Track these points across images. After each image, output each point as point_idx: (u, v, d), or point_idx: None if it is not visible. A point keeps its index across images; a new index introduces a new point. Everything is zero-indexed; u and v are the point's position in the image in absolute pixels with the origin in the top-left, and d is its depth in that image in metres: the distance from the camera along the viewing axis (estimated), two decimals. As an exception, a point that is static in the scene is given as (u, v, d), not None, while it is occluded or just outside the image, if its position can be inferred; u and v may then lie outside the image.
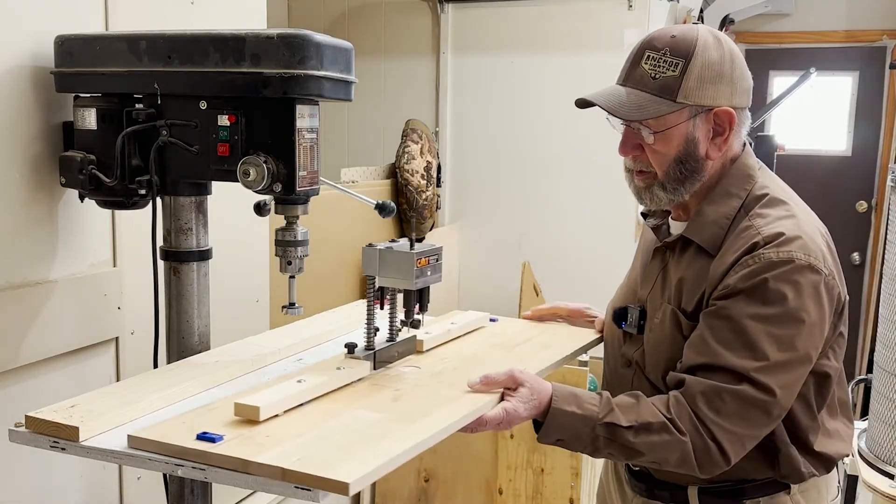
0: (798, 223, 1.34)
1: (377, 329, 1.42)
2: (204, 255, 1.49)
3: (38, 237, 1.48)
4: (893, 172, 2.36)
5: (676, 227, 1.48)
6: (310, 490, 1.00)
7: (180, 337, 1.48)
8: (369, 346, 1.40)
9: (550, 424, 1.30)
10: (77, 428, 1.11)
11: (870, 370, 2.51)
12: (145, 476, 1.71)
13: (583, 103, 1.42)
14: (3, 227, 1.41)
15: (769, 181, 1.43)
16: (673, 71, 1.34)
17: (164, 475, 1.46)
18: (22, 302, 1.44)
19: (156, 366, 1.49)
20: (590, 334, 1.68)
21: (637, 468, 1.52)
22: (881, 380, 2.31)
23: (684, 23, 3.79)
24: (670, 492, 1.46)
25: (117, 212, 1.60)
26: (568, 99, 3.94)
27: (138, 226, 1.55)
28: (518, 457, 2.88)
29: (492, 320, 1.77)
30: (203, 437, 1.08)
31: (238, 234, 1.88)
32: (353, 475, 0.97)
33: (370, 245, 1.38)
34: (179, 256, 1.46)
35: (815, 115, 5.04)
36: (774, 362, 1.28)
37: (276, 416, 1.17)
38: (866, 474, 2.38)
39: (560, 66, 3.40)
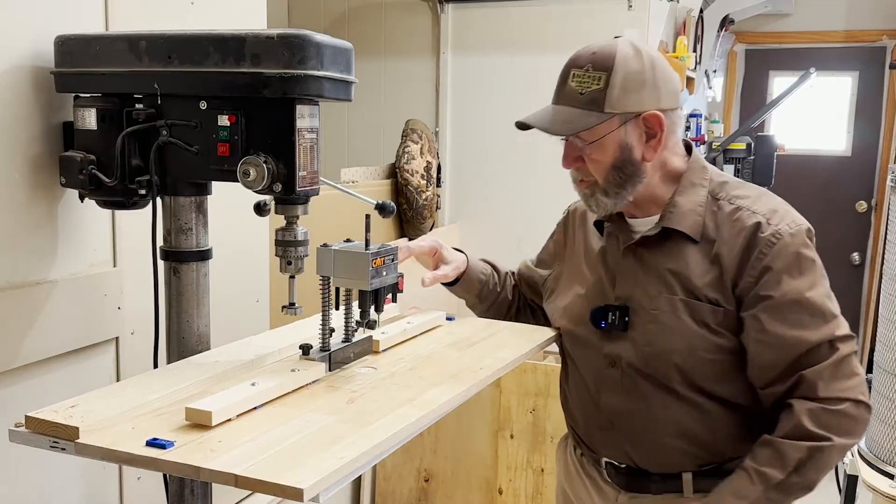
0: (773, 197, 1.49)
1: (333, 330, 1.41)
2: (204, 255, 1.49)
3: (38, 237, 1.48)
4: (893, 172, 2.36)
5: (641, 224, 1.52)
6: (309, 490, 1.00)
7: (180, 337, 1.48)
8: (324, 348, 1.39)
9: None
10: (77, 428, 1.10)
11: (870, 370, 2.51)
12: (145, 476, 1.71)
13: (520, 125, 1.51)
14: (3, 227, 1.41)
15: (716, 170, 1.55)
16: (598, 84, 1.42)
17: (164, 475, 1.46)
18: (22, 302, 1.44)
19: (156, 366, 1.49)
20: (546, 332, 1.67)
21: (623, 465, 1.53)
22: (881, 380, 2.31)
23: (684, 23, 3.80)
24: (664, 481, 1.49)
25: (117, 212, 1.60)
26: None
27: (138, 226, 1.55)
28: (518, 457, 2.88)
29: (448, 319, 1.77)
30: (153, 443, 1.06)
31: (238, 234, 1.88)
32: (307, 481, 0.96)
33: (324, 245, 1.38)
34: (179, 256, 1.46)
35: (815, 115, 5.05)
36: (837, 314, 1.41)
37: (230, 420, 1.15)
38: (866, 474, 2.39)
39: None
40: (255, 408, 1.21)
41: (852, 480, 2.42)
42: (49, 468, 1.53)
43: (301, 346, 1.39)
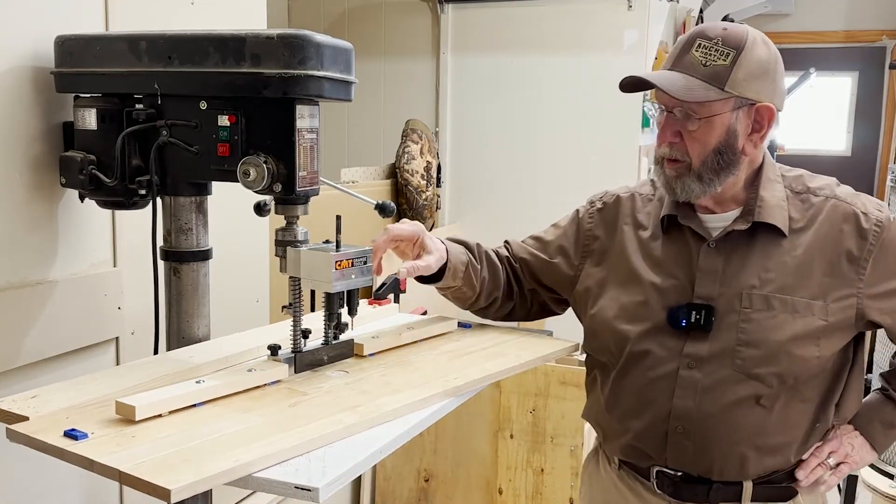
0: (840, 184, 1.51)
1: (308, 331, 1.39)
2: (204, 255, 1.49)
3: (38, 237, 1.48)
4: (893, 172, 2.36)
5: (717, 220, 1.48)
6: (309, 490, 1.00)
7: (180, 337, 1.48)
8: (294, 349, 1.38)
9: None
10: (27, 417, 1.13)
11: (869, 370, 2.51)
12: (145, 476, 1.71)
13: (631, 82, 1.41)
14: (4, 227, 1.41)
15: (780, 164, 1.55)
16: (724, 60, 1.37)
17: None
18: (22, 302, 1.44)
19: (156, 366, 1.49)
20: (557, 343, 1.60)
21: (680, 473, 1.46)
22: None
23: (684, 23, 3.80)
24: (724, 488, 1.45)
25: (117, 212, 1.60)
26: (568, 98, 3.93)
27: (138, 226, 1.55)
28: (518, 457, 2.88)
29: (464, 326, 1.70)
30: (69, 433, 1.08)
31: (238, 234, 1.89)
32: (178, 482, 0.96)
33: (294, 245, 1.37)
34: (179, 256, 1.46)
35: (815, 115, 5.05)
36: None
37: (160, 416, 1.15)
38: (866, 474, 2.39)
39: (560, 66, 3.40)
40: (194, 405, 1.21)
41: (852, 480, 2.42)
42: (49, 468, 1.52)
43: (269, 347, 1.37)
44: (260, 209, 1.44)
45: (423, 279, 1.58)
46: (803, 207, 1.45)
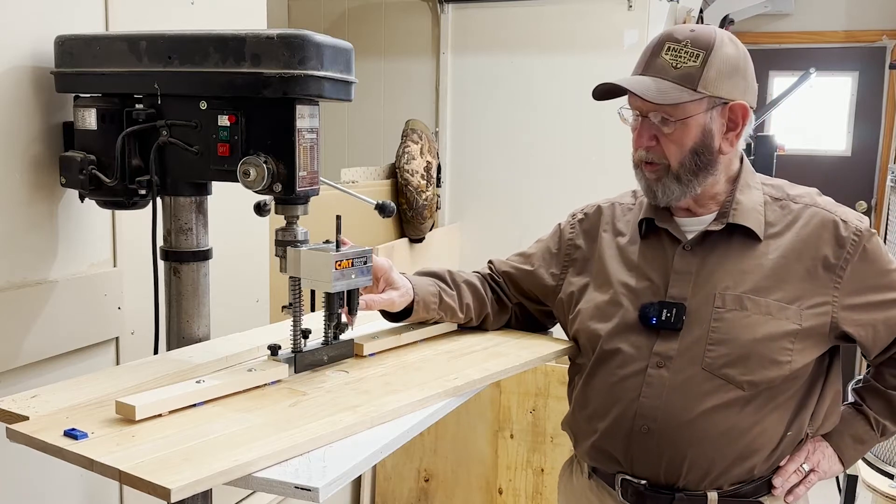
0: (820, 194, 1.54)
1: (308, 331, 1.39)
2: (204, 255, 1.49)
3: (38, 237, 1.48)
4: (893, 172, 2.36)
5: (694, 224, 1.49)
6: (309, 490, 1.00)
7: (180, 337, 1.49)
8: (294, 349, 1.38)
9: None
10: (27, 417, 1.13)
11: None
12: (145, 476, 1.71)
13: (604, 90, 1.43)
14: (3, 227, 1.41)
15: (760, 174, 1.55)
16: (694, 61, 1.38)
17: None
18: (22, 302, 1.44)
19: (156, 366, 1.49)
20: (555, 345, 1.60)
21: (643, 482, 1.45)
22: (881, 380, 2.31)
23: (684, 23, 3.79)
24: (688, 500, 1.43)
25: (117, 212, 1.60)
26: (567, 99, 3.93)
27: (138, 226, 1.55)
28: (518, 457, 2.88)
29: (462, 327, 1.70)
30: (69, 433, 1.09)
31: (238, 234, 1.89)
32: (178, 482, 0.96)
33: (294, 245, 1.37)
34: (179, 256, 1.47)
35: (814, 115, 5.05)
36: None
37: (160, 415, 1.16)
38: (866, 474, 2.39)
39: (560, 66, 3.40)
40: (195, 405, 1.21)
41: (852, 480, 2.42)
42: (49, 468, 1.53)
43: (269, 347, 1.37)
44: (260, 209, 1.44)
45: (390, 316, 1.59)
46: (782, 213, 1.46)
